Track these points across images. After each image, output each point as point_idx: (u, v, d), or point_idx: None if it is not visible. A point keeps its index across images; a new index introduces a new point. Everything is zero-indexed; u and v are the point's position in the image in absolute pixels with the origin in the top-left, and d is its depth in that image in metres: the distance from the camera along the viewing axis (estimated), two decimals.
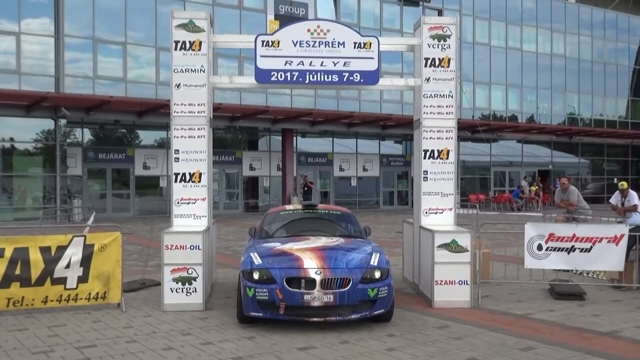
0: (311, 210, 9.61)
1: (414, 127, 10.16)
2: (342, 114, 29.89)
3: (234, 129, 31.13)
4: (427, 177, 9.61)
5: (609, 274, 10.63)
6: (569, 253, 9.23)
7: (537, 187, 34.49)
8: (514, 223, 11.08)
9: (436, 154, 9.61)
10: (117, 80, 26.71)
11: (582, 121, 41.28)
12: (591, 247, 9.15)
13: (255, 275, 7.34)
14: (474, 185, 37.19)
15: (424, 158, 9.60)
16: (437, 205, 9.62)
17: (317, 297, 7.12)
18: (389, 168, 35.03)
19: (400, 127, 31.71)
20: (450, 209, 9.64)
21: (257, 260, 7.56)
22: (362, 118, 30.70)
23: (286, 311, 7.15)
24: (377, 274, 7.48)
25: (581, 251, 9.18)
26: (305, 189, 30.44)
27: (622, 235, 9.11)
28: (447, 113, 9.63)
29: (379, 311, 7.47)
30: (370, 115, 30.78)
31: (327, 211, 9.94)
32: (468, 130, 32.03)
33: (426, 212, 9.60)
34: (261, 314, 7.26)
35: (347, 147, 33.72)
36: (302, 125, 30.81)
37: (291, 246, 7.98)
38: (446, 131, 9.63)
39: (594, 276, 11.15)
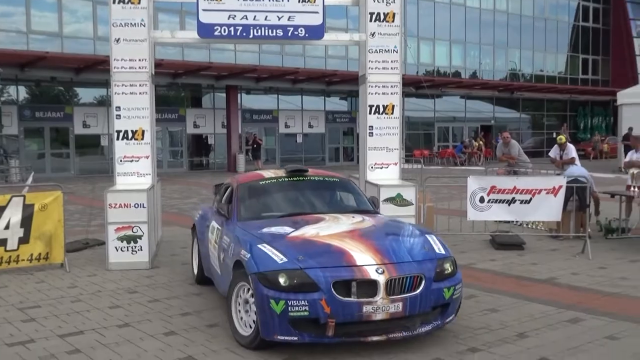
0: (301, 179, 7.05)
1: (359, 82, 10.16)
2: (287, 70, 29.65)
3: (177, 86, 30.57)
4: (372, 133, 9.67)
5: (547, 224, 10.99)
6: (509, 205, 9.48)
7: (480, 142, 35.18)
8: (457, 177, 11.29)
9: (381, 109, 9.65)
10: (52, 36, 25.76)
11: (523, 77, 42.10)
12: (531, 199, 9.41)
13: (283, 281, 4.93)
14: (419, 141, 37.65)
15: (370, 113, 9.64)
16: (383, 160, 9.71)
17: (381, 307, 4.95)
18: (335, 124, 35.08)
19: (346, 83, 31.69)
20: (396, 164, 9.76)
21: (278, 256, 5.14)
22: (307, 74, 30.53)
23: (336, 331, 4.92)
24: (449, 267, 5.44)
25: (521, 203, 9.44)
26: (255, 146, 30.31)
27: (560, 187, 9.39)
28: (392, 68, 9.64)
29: (450, 318, 5.48)
30: (316, 72, 30.63)
31: (321, 178, 7.28)
32: (412, 86, 32.25)
33: (372, 167, 9.69)
34: (296, 338, 4.91)
35: (293, 103, 33.56)
36: (246, 82, 30.46)
37: (315, 231, 5.72)
38: (391, 86, 9.67)
39: (533, 227, 11.51)
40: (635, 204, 11.16)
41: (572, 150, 12.06)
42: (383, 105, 9.64)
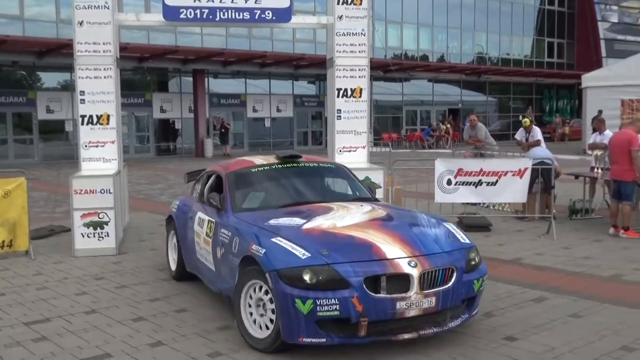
0: (295, 165, 6.49)
1: (327, 66, 10.12)
2: (255, 54, 29.44)
3: (143, 70, 30.16)
4: (340, 116, 9.66)
5: (513, 205, 11.14)
6: (476, 187, 9.58)
7: (448, 126, 35.43)
8: (425, 160, 11.39)
9: (349, 92, 9.64)
10: (13, 19, 25.17)
11: (490, 60, 42.44)
12: (497, 181, 9.52)
13: (309, 278, 4.51)
14: (387, 124, 37.79)
15: (338, 97, 9.63)
16: (351, 144, 9.72)
17: (414, 303, 4.62)
18: (303, 108, 35.00)
19: (314, 67, 31.58)
20: (364, 147, 9.77)
21: (299, 250, 4.70)
22: (275, 58, 30.35)
23: (368, 330, 4.56)
24: (475, 257, 5.18)
25: (488, 185, 9.54)
26: (222, 130, 30.10)
27: (526, 169, 9.52)
28: (359, 51, 9.62)
29: (476, 311, 5.23)
30: (283, 55, 30.46)
31: (315, 164, 6.79)
32: (380, 69, 32.28)
33: (340, 151, 9.69)
34: (324, 339, 4.53)
35: (260, 87, 33.37)
36: (213, 66, 30.17)
37: (330, 222, 5.27)
38: (359, 70, 9.65)
39: (500, 208, 11.66)
40: (598, 185, 11.38)
41: (537, 133, 12.21)
42: (351, 89, 9.63)
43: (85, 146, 8.94)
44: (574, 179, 11.69)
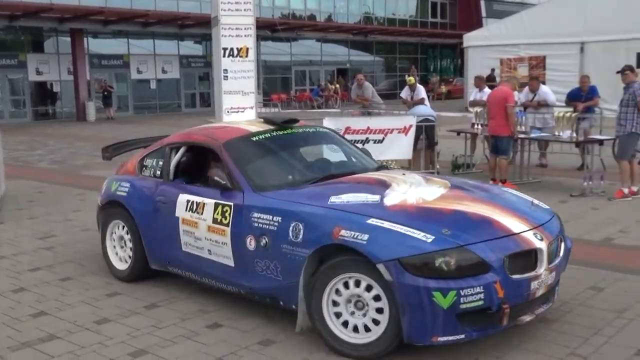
0: (295, 131, 5.57)
1: (211, 24, 9.91)
2: (137, 13, 28.34)
3: (15, 30, 28.29)
4: (227, 76, 9.55)
5: (399, 162, 11.45)
6: (363, 144, 9.70)
7: (337, 86, 35.75)
8: (314, 119, 11.43)
9: (235, 52, 9.52)
10: None
11: (376, 20, 42.99)
12: (383, 139, 9.76)
13: (445, 264, 3.73)
14: (276, 85, 37.65)
15: (224, 56, 9.49)
16: (239, 104, 9.65)
17: (544, 281, 4.07)
18: (190, 69, 34.19)
19: (200, 27, 30.78)
20: (252, 108, 9.73)
21: (417, 233, 3.88)
22: (158, 17, 29.35)
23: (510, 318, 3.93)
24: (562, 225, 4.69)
25: (375, 142, 9.76)
26: (105, 93, 28.95)
27: (410, 126, 9.80)
28: (245, 10, 9.51)
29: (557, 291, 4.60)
30: (167, 14, 29.51)
31: (313, 130, 5.98)
32: (268, 29, 31.98)
33: (228, 111, 9.59)
34: (463, 336, 3.81)
35: (144, 48, 32.21)
36: (93, 25, 28.75)
37: (414, 196, 4.41)
38: (245, 29, 9.54)
39: (386, 165, 11.94)
40: (479, 141, 11.89)
41: (421, 91, 12.56)
42: (237, 48, 9.51)
43: None
44: (456, 136, 12.15)
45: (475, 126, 11.49)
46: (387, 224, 3.94)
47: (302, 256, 4.16)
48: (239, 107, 9.61)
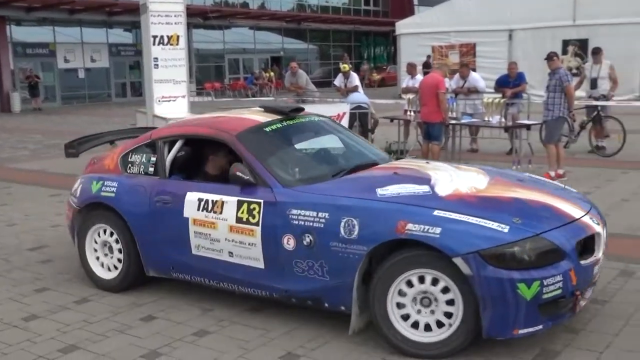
0: (304, 120, 5.25)
1: (140, 11, 9.69)
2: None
3: None
4: (157, 65, 9.38)
5: None
6: None
7: (272, 74, 35.55)
8: (247, 107, 11.37)
9: (166, 40, 9.36)
10: None
11: (310, 8, 42.92)
12: None
13: (526, 254, 3.66)
14: (209, 73, 37.16)
15: (154, 44, 9.31)
16: (170, 93, 9.49)
17: (601, 266, 4.15)
18: (120, 58, 33.34)
19: (129, 14, 29.97)
20: (184, 96, 9.58)
21: (490, 223, 3.76)
22: (85, 4, 28.48)
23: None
24: None
25: None
26: (31, 83, 27.95)
27: (344, 113, 9.85)
28: None
29: None
30: (95, 1, 28.66)
31: (319, 120, 5.47)
32: (199, 16, 31.50)
33: (159, 101, 9.43)
34: (540, 326, 3.75)
35: (71, 36, 31.21)
36: (15, 12, 27.66)
37: (466, 186, 4.28)
38: (175, 16, 9.39)
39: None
40: (412, 127, 12.06)
41: (355, 79, 12.63)
42: (167, 36, 9.34)
43: None
44: (389, 122, 12.28)
45: (408, 113, 11.64)
46: (455, 216, 3.78)
47: (357, 254, 3.90)
48: (171, 96, 9.46)
